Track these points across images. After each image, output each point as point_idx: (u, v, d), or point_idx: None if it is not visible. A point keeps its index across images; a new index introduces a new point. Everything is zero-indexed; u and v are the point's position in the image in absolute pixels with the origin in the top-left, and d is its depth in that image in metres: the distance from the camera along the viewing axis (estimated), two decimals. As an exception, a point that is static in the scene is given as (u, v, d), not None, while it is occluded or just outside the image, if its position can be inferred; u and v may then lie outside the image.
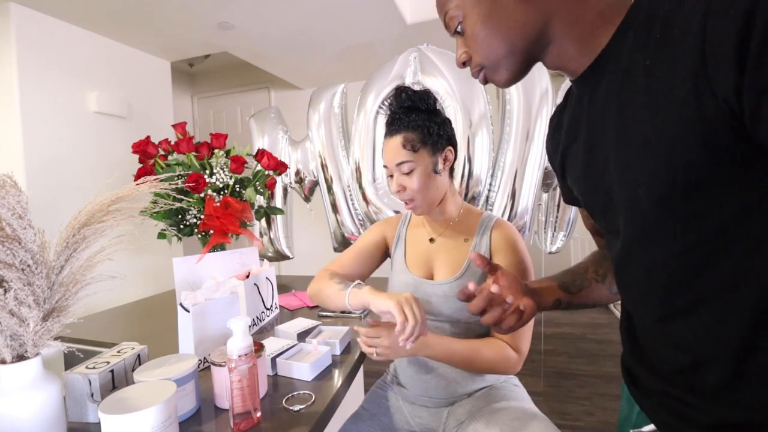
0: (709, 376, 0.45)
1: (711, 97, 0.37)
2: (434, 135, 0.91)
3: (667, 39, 0.40)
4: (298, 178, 2.22)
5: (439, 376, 0.93)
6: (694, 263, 0.44)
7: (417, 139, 0.90)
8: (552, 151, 0.67)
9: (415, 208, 0.94)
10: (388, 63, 1.95)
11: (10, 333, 0.56)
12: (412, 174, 0.90)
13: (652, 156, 0.43)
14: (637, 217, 0.48)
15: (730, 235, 0.41)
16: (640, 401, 0.57)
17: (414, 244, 1.02)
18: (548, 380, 2.30)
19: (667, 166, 0.42)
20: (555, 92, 1.84)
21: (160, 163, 1.33)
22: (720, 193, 0.40)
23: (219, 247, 1.30)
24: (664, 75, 0.40)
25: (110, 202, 0.65)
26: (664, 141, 0.41)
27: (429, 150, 0.91)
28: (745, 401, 0.43)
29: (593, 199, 0.56)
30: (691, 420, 0.48)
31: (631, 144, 0.45)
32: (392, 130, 0.92)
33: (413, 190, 0.91)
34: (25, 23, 2.04)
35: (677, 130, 0.40)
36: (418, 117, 0.91)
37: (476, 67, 0.57)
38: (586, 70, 0.51)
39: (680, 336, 0.47)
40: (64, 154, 2.22)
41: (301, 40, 2.70)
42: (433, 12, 2.51)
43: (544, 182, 1.94)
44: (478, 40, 0.54)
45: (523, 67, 0.55)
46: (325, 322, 1.17)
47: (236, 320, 0.67)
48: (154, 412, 0.57)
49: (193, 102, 4.22)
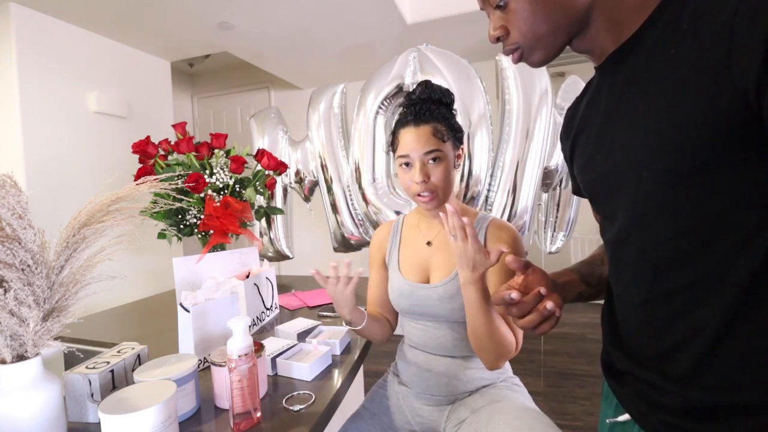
0: (681, 360, 0.47)
1: (730, 86, 0.38)
2: (457, 130, 0.93)
3: (694, 29, 0.42)
4: (298, 178, 2.22)
5: (440, 374, 0.94)
6: (688, 247, 0.46)
7: (446, 130, 0.91)
8: (565, 140, 0.68)
9: (432, 201, 0.91)
10: (388, 63, 1.95)
11: (10, 333, 0.56)
12: (439, 164, 0.89)
13: (661, 139, 0.44)
14: (638, 199, 0.49)
15: (727, 221, 0.43)
16: (616, 391, 0.59)
17: (409, 247, 1.01)
18: (548, 380, 2.30)
19: (674, 148, 0.43)
20: (554, 92, 1.84)
21: (160, 163, 1.33)
22: (721, 180, 0.42)
23: (219, 247, 1.30)
24: (687, 63, 0.42)
25: (110, 202, 0.66)
26: (674, 124, 0.43)
27: (452, 143, 0.92)
28: (714, 384, 0.45)
29: (596, 185, 0.57)
30: (663, 405, 0.50)
31: (642, 127, 0.47)
32: (419, 119, 0.90)
33: (438, 180, 0.89)
34: (25, 23, 2.04)
35: (689, 114, 0.42)
36: (445, 111, 0.92)
37: (513, 44, 0.56)
38: (610, 55, 0.52)
39: (662, 318, 0.49)
40: (64, 154, 2.22)
41: (301, 40, 2.70)
42: (433, 12, 2.53)
43: (544, 182, 1.94)
44: (522, 17, 0.53)
45: (560, 48, 0.55)
46: (325, 322, 1.17)
47: (236, 320, 0.67)
48: (154, 412, 0.57)
49: (193, 102, 4.22)
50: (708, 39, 0.40)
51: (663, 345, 0.49)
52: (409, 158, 0.90)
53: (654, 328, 0.50)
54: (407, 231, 1.04)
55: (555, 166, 1.91)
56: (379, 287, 1.05)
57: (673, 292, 0.48)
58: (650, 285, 0.50)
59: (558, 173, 1.94)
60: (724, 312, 0.43)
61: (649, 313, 0.51)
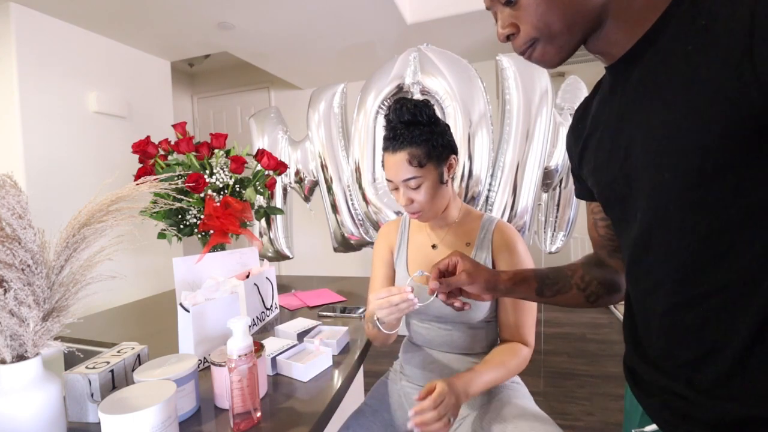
0: (711, 369, 0.45)
1: (753, 81, 0.37)
2: (438, 147, 0.89)
3: (712, 25, 0.41)
4: (298, 178, 2.22)
5: (443, 367, 0.95)
6: (712, 252, 0.44)
7: (423, 154, 0.87)
8: (573, 141, 0.66)
9: (422, 218, 0.93)
10: (388, 63, 1.95)
11: (10, 333, 0.56)
12: (420, 188, 0.89)
13: (683, 138, 0.43)
14: (660, 203, 0.47)
15: (752, 224, 0.41)
16: (642, 401, 0.56)
17: (416, 250, 1.02)
18: (548, 380, 2.30)
19: (697, 148, 0.42)
20: (555, 92, 1.84)
21: (160, 163, 1.33)
22: (746, 180, 0.41)
23: (219, 247, 1.30)
24: (706, 59, 0.41)
25: (110, 202, 0.65)
26: (696, 123, 0.41)
27: (434, 163, 0.89)
28: (744, 395, 0.43)
29: (611, 187, 0.55)
30: (693, 418, 0.47)
31: (662, 127, 0.45)
32: (395, 145, 0.88)
33: (422, 202, 0.90)
34: (25, 23, 2.04)
35: (712, 112, 0.40)
36: (421, 131, 0.88)
37: (527, 39, 0.53)
38: (623, 55, 0.51)
39: (687, 327, 0.47)
40: (64, 154, 2.22)
41: (301, 40, 2.70)
42: (433, 12, 2.53)
43: (544, 182, 1.94)
44: (534, 13, 0.51)
45: (574, 48, 0.53)
46: (325, 322, 1.17)
47: (236, 320, 0.67)
48: (154, 412, 0.57)
49: (193, 102, 4.22)
50: (727, 34, 0.39)
51: (691, 354, 0.47)
52: (394, 183, 0.91)
53: (681, 337, 0.48)
54: (414, 232, 1.05)
55: (555, 166, 1.91)
56: (383, 285, 1.05)
57: (702, 296, 0.45)
58: (672, 295, 0.48)
59: (558, 173, 1.94)
60: (754, 320, 0.41)
61: (672, 323, 0.49)
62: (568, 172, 1.98)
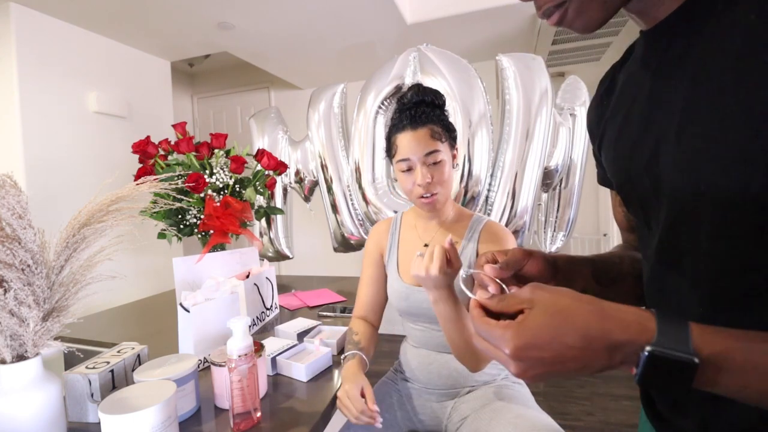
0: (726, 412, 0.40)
1: None
2: (452, 130, 0.94)
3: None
4: (298, 178, 2.22)
5: (442, 366, 0.95)
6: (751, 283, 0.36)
7: (441, 131, 0.91)
8: (595, 120, 0.56)
9: (436, 202, 0.92)
10: (388, 63, 1.95)
11: (10, 333, 0.56)
12: (440, 165, 0.90)
13: (729, 137, 0.33)
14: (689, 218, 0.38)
15: None
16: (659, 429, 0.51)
17: (407, 250, 1.02)
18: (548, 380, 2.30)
19: (748, 152, 0.32)
20: (555, 92, 1.84)
21: (160, 163, 1.33)
22: None
23: (219, 247, 1.30)
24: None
25: (110, 202, 0.65)
26: (748, 120, 0.32)
27: (449, 144, 0.93)
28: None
29: (633, 185, 0.46)
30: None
31: (702, 121, 0.36)
32: (416, 122, 0.90)
33: (441, 181, 0.90)
34: (25, 23, 2.04)
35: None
36: (439, 113, 0.93)
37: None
38: (665, 18, 0.41)
39: None
40: (64, 154, 2.22)
41: (301, 40, 2.70)
42: (433, 12, 2.53)
43: (544, 182, 1.94)
44: None
45: (616, 8, 0.42)
46: (325, 321, 1.17)
47: (236, 320, 0.67)
48: (154, 412, 0.57)
49: (193, 102, 4.21)
50: None
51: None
52: (410, 161, 0.90)
53: None
54: (405, 231, 1.04)
55: (555, 166, 1.91)
56: (371, 287, 1.05)
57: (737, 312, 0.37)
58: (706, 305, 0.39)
59: (558, 173, 1.94)
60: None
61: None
62: (568, 172, 1.98)
